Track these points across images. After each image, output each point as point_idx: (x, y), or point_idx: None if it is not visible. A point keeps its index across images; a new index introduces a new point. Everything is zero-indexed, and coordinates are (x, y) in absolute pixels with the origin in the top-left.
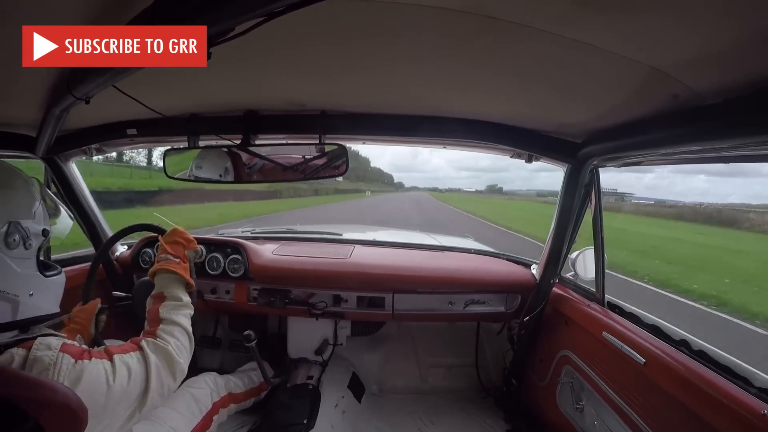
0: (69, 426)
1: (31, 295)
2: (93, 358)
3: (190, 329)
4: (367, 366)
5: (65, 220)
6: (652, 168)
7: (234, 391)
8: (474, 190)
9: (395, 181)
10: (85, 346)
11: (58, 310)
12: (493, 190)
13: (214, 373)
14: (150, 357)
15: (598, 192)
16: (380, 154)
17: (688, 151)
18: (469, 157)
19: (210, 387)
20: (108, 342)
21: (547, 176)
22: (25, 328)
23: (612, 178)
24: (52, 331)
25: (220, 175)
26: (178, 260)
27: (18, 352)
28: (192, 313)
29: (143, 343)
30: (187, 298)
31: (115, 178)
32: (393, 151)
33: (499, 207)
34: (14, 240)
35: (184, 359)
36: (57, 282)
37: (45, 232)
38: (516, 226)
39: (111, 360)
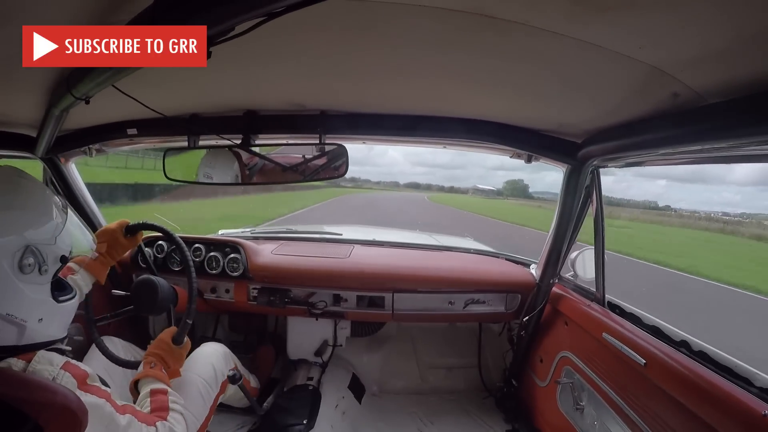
0: (69, 427)
1: (40, 320)
2: (103, 400)
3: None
4: (367, 367)
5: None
6: (614, 171)
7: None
8: (491, 188)
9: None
10: (88, 369)
11: (65, 335)
12: (515, 192)
13: (216, 344)
14: None
15: (599, 192)
16: None
17: (689, 151)
18: (427, 152)
19: (221, 363)
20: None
21: (504, 174)
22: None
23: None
24: (59, 345)
25: (220, 177)
26: (164, 373)
27: (17, 363)
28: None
29: (159, 425)
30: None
31: None
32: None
33: None
34: (29, 265)
35: None
36: (69, 307)
37: (63, 259)
38: None
39: (124, 414)
